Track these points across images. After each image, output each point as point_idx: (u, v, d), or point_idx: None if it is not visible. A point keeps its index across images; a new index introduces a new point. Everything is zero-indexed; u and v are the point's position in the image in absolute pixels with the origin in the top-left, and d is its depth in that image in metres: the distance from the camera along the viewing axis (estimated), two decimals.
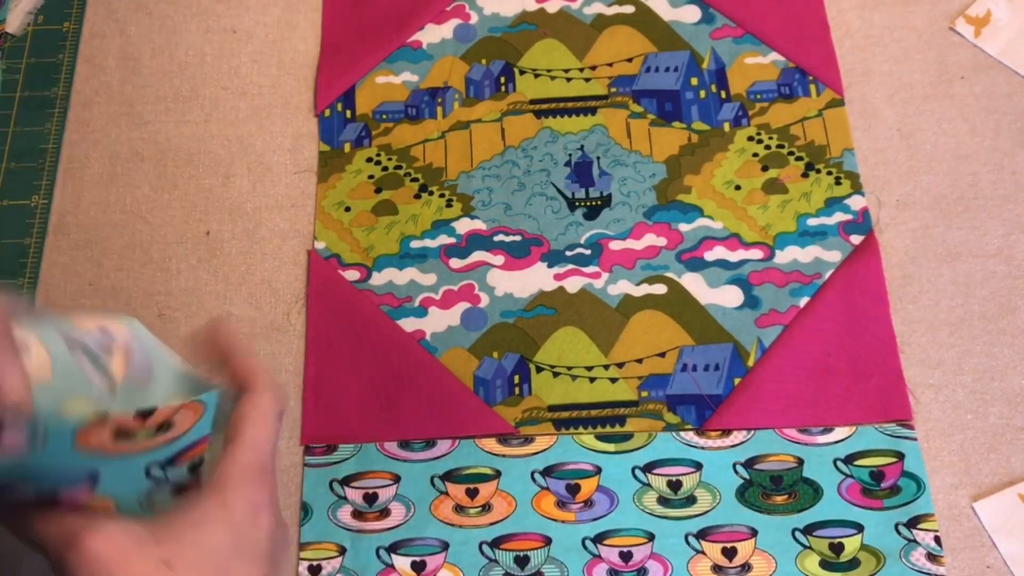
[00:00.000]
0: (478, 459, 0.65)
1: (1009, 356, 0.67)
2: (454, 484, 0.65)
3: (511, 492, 0.64)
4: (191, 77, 0.78)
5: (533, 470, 0.65)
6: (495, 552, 0.63)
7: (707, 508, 0.64)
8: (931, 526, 0.62)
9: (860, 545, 0.62)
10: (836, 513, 0.63)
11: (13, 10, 0.80)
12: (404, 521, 0.64)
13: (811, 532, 0.63)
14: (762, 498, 0.64)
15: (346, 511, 0.64)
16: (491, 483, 0.64)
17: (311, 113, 0.77)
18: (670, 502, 0.64)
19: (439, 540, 0.63)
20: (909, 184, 0.73)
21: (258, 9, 0.81)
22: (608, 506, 0.64)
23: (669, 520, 0.63)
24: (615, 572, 0.62)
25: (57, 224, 0.73)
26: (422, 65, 0.78)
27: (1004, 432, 0.65)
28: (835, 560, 0.62)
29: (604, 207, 0.73)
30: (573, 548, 0.63)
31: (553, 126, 0.75)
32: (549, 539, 0.63)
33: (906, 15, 0.78)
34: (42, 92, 0.78)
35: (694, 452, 0.65)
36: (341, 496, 0.64)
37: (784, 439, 0.65)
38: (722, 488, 0.64)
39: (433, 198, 0.73)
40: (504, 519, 0.64)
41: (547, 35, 0.79)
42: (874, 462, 0.64)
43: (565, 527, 0.63)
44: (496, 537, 0.63)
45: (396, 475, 0.65)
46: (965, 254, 0.70)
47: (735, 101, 0.76)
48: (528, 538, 0.63)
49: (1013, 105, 0.75)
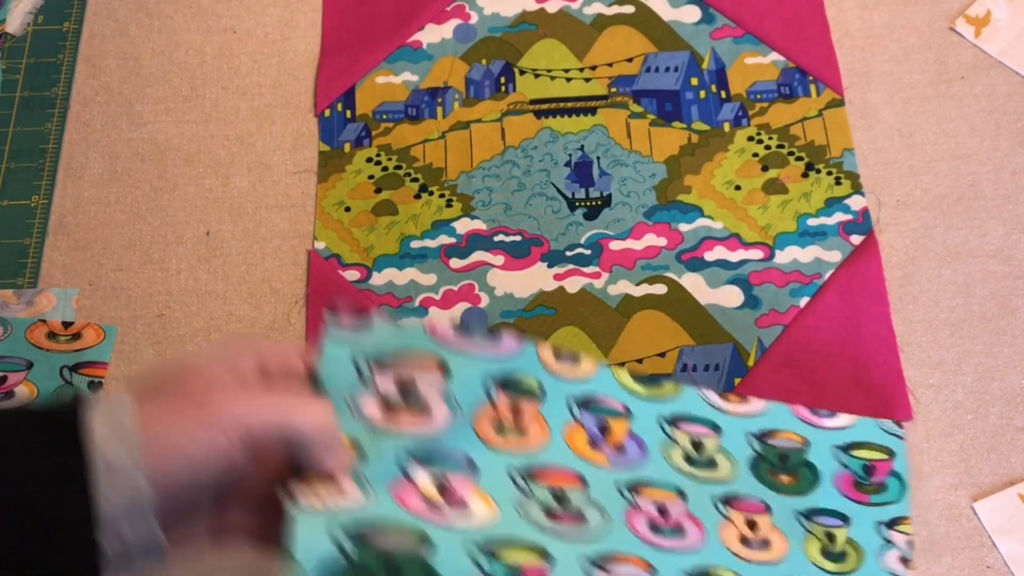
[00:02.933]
0: (535, 370, 0.56)
1: (1009, 356, 0.67)
2: (506, 394, 0.55)
3: (547, 418, 0.56)
4: (191, 77, 0.78)
5: (571, 396, 0.58)
6: (529, 484, 0.54)
7: (726, 475, 0.61)
8: (906, 529, 0.61)
9: (846, 538, 0.61)
10: (830, 502, 0.62)
11: (13, 10, 0.80)
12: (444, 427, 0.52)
13: (811, 518, 0.61)
14: (771, 475, 0.62)
15: (371, 403, 0.51)
16: (534, 404, 0.56)
17: (311, 113, 0.77)
18: (694, 462, 0.60)
19: (466, 457, 0.52)
20: (909, 184, 0.73)
21: (258, 9, 0.80)
22: (639, 455, 0.59)
23: (696, 481, 0.59)
24: (655, 527, 0.56)
25: (57, 224, 0.73)
26: (422, 65, 0.78)
27: (1004, 432, 0.65)
28: (832, 550, 0.61)
29: (604, 207, 0.73)
30: (609, 493, 0.56)
31: (553, 126, 0.75)
32: (584, 479, 0.56)
33: (906, 15, 0.78)
34: (42, 92, 0.78)
35: (715, 414, 0.62)
36: (366, 378, 0.51)
37: (796, 417, 0.63)
38: (738, 458, 0.62)
39: (433, 198, 0.73)
40: (536, 447, 0.55)
41: (547, 35, 0.79)
42: (868, 455, 0.64)
43: (599, 470, 0.57)
44: (528, 467, 0.54)
45: (443, 364, 0.53)
46: (965, 254, 0.70)
47: (735, 101, 0.76)
48: (562, 474, 0.55)
49: (1013, 105, 0.75)
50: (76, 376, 0.68)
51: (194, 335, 0.69)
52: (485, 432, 0.54)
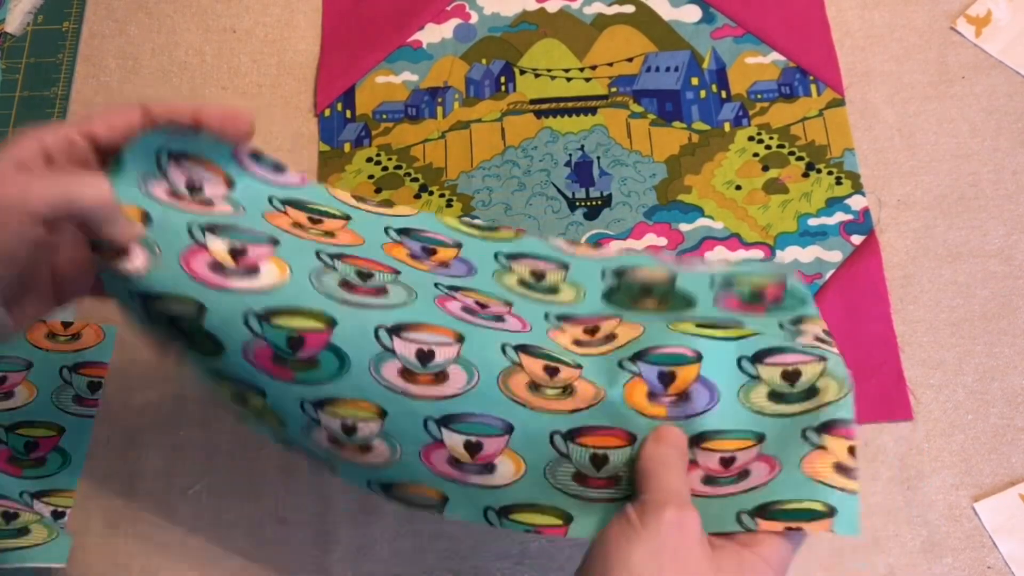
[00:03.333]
0: (328, 201, 0.55)
1: (1010, 356, 0.67)
2: (296, 209, 0.54)
3: (360, 232, 0.55)
4: (191, 77, 0.78)
5: (388, 226, 0.56)
6: (334, 262, 0.51)
7: (570, 300, 0.55)
8: (818, 325, 0.54)
9: (739, 326, 0.53)
10: (709, 316, 0.54)
11: (13, 10, 0.80)
12: (228, 214, 0.51)
13: (683, 319, 0.53)
14: (630, 302, 0.56)
15: (160, 188, 0.51)
16: (338, 221, 0.55)
17: (311, 113, 0.77)
18: (532, 287, 0.55)
19: (268, 235, 0.51)
20: (910, 184, 0.73)
21: (258, 9, 0.80)
22: (465, 271, 0.54)
23: (529, 300, 0.54)
24: (469, 310, 0.51)
25: None
26: (422, 65, 0.78)
27: (1005, 432, 0.65)
28: (710, 326, 0.53)
29: (604, 207, 0.73)
30: (424, 285, 0.52)
31: (553, 126, 0.75)
32: (397, 272, 0.52)
33: (907, 15, 0.78)
34: (42, 92, 0.78)
35: (561, 255, 0.57)
36: (161, 168, 0.51)
37: (658, 260, 0.57)
38: (588, 287, 0.56)
39: (433, 198, 0.73)
40: (348, 245, 0.53)
41: (547, 35, 0.79)
42: (755, 283, 0.56)
43: (415, 270, 0.53)
44: (337, 252, 0.52)
45: (231, 179, 0.53)
46: (966, 254, 0.70)
47: (735, 101, 0.76)
48: (373, 263, 0.52)
49: (1014, 105, 0.75)
50: (76, 376, 0.67)
51: None
52: (282, 225, 0.52)
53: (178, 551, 0.63)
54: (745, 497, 0.48)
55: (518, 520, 0.50)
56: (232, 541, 0.63)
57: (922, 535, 0.63)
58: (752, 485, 0.49)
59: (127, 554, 0.63)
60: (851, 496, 0.47)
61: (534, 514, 0.50)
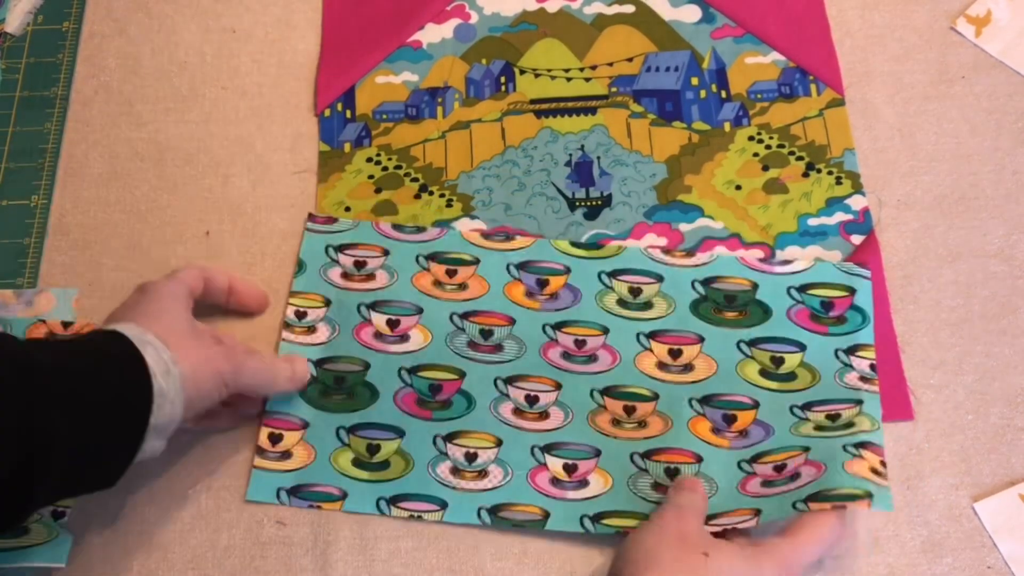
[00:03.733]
0: (462, 247, 0.70)
1: (1010, 356, 0.67)
2: (437, 263, 0.70)
3: (486, 277, 0.69)
4: (191, 77, 0.78)
5: (509, 262, 0.69)
6: (464, 323, 0.68)
7: (661, 314, 0.68)
8: (868, 355, 0.66)
9: (800, 362, 0.66)
10: (782, 331, 0.67)
11: (13, 10, 0.80)
12: (387, 285, 0.69)
13: (755, 345, 0.67)
14: (714, 312, 0.68)
15: (336, 272, 0.70)
16: (470, 267, 0.69)
17: (311, 113, 0.77)
18: (628, 304, 0.68)
19: (415, 305, 0.68)
20: (910, 184, 0.73)
21: (258, 9, 0.80)
22: (571, 300, 0.68)
23: (624, 319, 0.68)
24: (568, 355, 0.67)
25: (57, 224, 0.73)
26: (422, 65, 0.78)
27: (1005, 432, 0.65)
28: (774, 371, 0.66)
29: (604, 207, 0.73)
30: (534, 330, 0.68)
31: (553, 126, 0.75)
32: (513, 320, 0.68)
33: (907, 15, 0.78)
34: (42, 92, 0.78)
35: (658, 266, 0.69)
36: (333, 259, 0.70)
37: (743, 264, 0.69)
38: (678, 299, 0.68)
39: (433, 198, 0.73)
40: (476, 298, 0.68)
41: (547, 35, 0.79)
42: (826, 293, 0.68)
43: (529, 312, 0.68)
44: (466, 311, 0.68)
45: (386, 249, 0.70)
46: (966, 254, 0.70)
47: (735, 101, 0.76)
48: (495, 316, 0.68)
49: (1014, 105, 0.75)
50: None
51: None
52: (424, 287, 0.69)
53: (178, 551, 0.63)
54: (799, 491, 0.59)
55: (609, 524, 0.62)
56: (232, 541, 0.63)
57: (922, 535, 0.63)
58: (803, 483, 0.59)
59: (127, 554, 0.63)
60: (885, 488, 0.58)
61: (622, 518, 0.62)
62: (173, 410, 0.55)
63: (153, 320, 0.58)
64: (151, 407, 0.54)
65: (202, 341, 0.59)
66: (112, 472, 0.55)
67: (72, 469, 0.52)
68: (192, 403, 0.57)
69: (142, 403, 0.54)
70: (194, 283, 0.64)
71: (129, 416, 0.54)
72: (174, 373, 0.55)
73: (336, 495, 0.63)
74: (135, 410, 0.54)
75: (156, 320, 0.58)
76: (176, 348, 0.57)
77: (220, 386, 0.59)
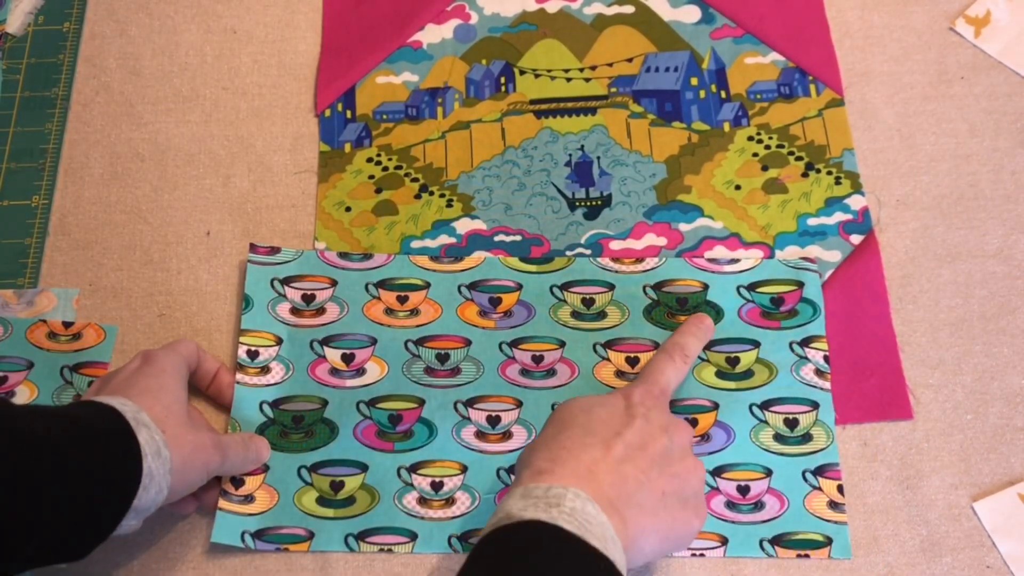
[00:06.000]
0: (411, 272, 0.70)
1: (1009, 356, 0.67)
2: (386, 290, 0.69)
3: (438, 301, 0.69)
4: (191, 77, 0.78)
5: (460, 284, 0.69)
6: (419, 349, 0.68)
7: (616, 323, 0.68)
8: (821, 346, 0.67)
9: (755, 359, 0.67)
10: (735, 332, 0.67)
11: (13, 10, 0.80)
12: (338, 318, 0.68)
13: (710, 347, 0.67)
14: (667, 317, 0.68)
15: (284, 307, 0.69)
16: (421, 292, 0.69)
17: (311, 113, 0.77)
18: (582, 316, 0.69)
19: (368, 336, 0.68)
20: (909, 184, 0.73)
21: (258, 9, 0.81)
22: (525, 316, 0.69)
23: (580, 331, 0.68)
24: (527, 371, 0.67)
25: (57, 224, 0.73)
26: (422, 65, 0.78)
27: (1004, 432, 0.65)
28: (730, 371, 0.66)
29: (604, 207, 0.73)
30: (490, 350, 0.68)
31: (553, 126, 0.76)
32: (469, 341, 0.68)
33: (906, 15, 0.78)
34: (42, 92, 0.78)
35: (608, 275, 0.70)
36: (280, 293, 0.69)
37: (693, 267, 0.69)
38: (631, 306, 0.69)
39: (433, 198, 0.73)
40: (429, 323, 0.68)
41: (547, 35, 0.79)
42: (775, 289, 0.69)
43: (485, 332, 0.68)
44: (421, 337, 0.68)
45: (334, 280, 0.69)
46: (965, 254, 0.71)
47: (735, 101, 0.76)
48: (450, 339, 0.68)
49: (1013, 105, 0.75)
50: (76, 376, 0.68)
51: (195, 335, 0.69)
52: (376, 317, 0.68)
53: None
54: (764, 527, 0.63)
55: None
56: None
57: (921, 534, 0.63)
58: (767, 517, 0.63)
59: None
60: (842, 527, 0.63)
61: None
62: (158, 495, 0.56)
63: (152, 399, 0.58)
64: (137, 489, 0.54)
65: (195, 426, 0.60)
66: (85, 547, 0.55)
67: (47, 543, 0.52)
68: (176, 491, 0.58)
69: (130, 484, 0.54)
70: (191, 359, 0.65)
71: (114, 495, 0.54)
72: (165, 456, 0.56)
73: (303, 536, 0.63)
74: (121, 490, 0.54)
75: (155, 399, 0.58)
76: (171, 434, 0.57)
77: (204, 475, 0.59)
